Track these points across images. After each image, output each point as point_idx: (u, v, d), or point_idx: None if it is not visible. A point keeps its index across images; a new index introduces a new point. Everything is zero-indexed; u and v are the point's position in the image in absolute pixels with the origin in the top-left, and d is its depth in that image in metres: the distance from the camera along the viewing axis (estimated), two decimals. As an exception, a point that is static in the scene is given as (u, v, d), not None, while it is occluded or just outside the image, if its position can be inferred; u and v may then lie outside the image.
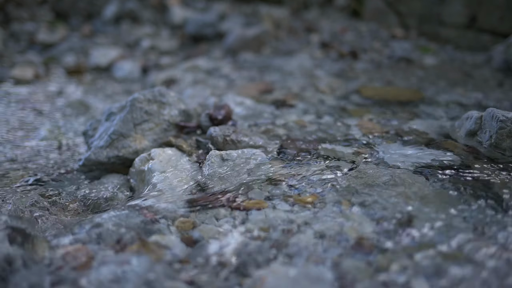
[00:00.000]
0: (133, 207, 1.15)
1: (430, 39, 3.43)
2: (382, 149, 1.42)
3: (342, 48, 3.17)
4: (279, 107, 1.91)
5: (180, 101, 1.67)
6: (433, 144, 1.45)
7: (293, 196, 1.16)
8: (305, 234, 1.01)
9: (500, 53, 2.63)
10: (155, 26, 4.11)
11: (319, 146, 1.45)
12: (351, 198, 1.13)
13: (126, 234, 1.01)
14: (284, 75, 2.57)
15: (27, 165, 1.64)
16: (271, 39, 3.42)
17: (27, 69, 2.94)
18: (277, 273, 0.89)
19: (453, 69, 2.67)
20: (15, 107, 2.33)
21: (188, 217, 1.10)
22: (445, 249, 0.93)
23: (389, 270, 0.88)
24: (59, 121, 2.16)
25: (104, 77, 3.04)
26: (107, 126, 1.59)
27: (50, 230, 1.11)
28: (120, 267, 0.90)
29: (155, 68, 3.16)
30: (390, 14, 3.83)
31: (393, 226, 1.01)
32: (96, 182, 1.48)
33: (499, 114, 1.36)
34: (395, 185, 1.17)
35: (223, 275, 0.90)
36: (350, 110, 1.87)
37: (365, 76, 2.50)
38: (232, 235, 1.03)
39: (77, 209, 1.33)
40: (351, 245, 0.96)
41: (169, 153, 1.43)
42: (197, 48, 3.52)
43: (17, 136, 1.94)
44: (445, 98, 2.02)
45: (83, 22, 4.21)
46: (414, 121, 1.72)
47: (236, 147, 1.43)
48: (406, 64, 2.84)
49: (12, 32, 3.81)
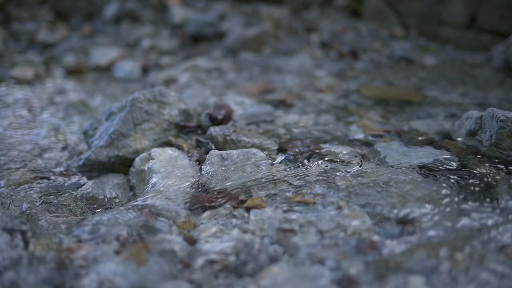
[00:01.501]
0: (134, 207, 1.15)
1: (430, 39, 3.44)
2: (382, 149, 1.42)
3: (342, 48, 3.17)
4: (279, 107, 1.91)
5: (180, 101, 1.67)
6: (433, 143, 1.45)
7: (293, 196, 1.16)
8: (305, 234, 1.01)
9: (500, 52, 2.63)
10: (155, 26, 4.11)
11: (319, 146, 1.45)
12: (351, 198, 1.13)
13: (127, 233, 1.01)
14: (284, 75, 2.58)
15: (27, 164, 1.64)
16: (271, 39, 3.42)
17: (28, 69, 2.94)
18: (277, 273, 0.89)
19: (453, 69, 2.67)
20: (15, 106, 2.33)
21: (188, 217, 1.10)
22: (446, 248, 0.93)
23: (389, 270, 0.88)
24: (59, 121, 2.16)
25: (104, 77, 3.04)
26: (107, 125, 1.59)
27: (50, 230, 1.11)
28: (121, 267, 0.90)
29: (155, 68, 3.16)
30: (390, 14, 3.83)
31: (394, 226, 1.01)
32: (96, 181, 1.49)
33: (499, 114, 1.36)
34: (396, 185, 1.17)
35: (223, 275, 0.90)
36: (350, 110, 1.87)
37: (365, 76, 2.50)
38: (232, 234, 1.03)
39: (77, 209, 1.33)
40: (351, 245, 0.96)
41: (169, 152, 1.43)
42: (197, 48, 3.52)
43: (17, 136, 1.94)
44: (445, 98, 2.02)
45: (83, 22, 4.21)
46: (414, 120, 1.72)
47: (236, 146, 1.43)
48: (406, 64, 2.84)
49: (12, 32, 3.81)
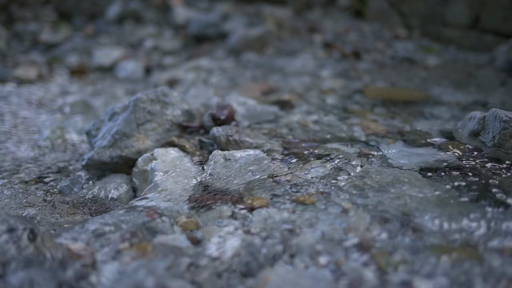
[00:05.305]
0: (136, 207, 1.15)
1: (433, 40, 3.43)
2: (385, 149, 1.42)
3: (345, 48, 3.17)
4: (282, 107, 1.91)
5: (183, 101, 1.67)
6: (436, 144, 1.45)
7: (296, 196, 1.16)
8: (308, 234, 1.01)
9: (503, 53, 2.62)
10: (158, 26, 4.12)
11: (322, 146, 1.45)
12: (354, 198, 1.13)
13: (130, 233, 1.01)
14: (287, 75, 2.58)
15: (30, 164, 1.64)
16: (274, 39, 3.42)
17: (31, 69, 2.95)
18: (279, 273, 0.89)
19: (456, 70, 2.67)
20: (18, 107, 2.34)
21: (191, 217, 1.10)
22: (448, 248, 0.93)
23: (390, 270, 0.88)
24: (62, 121, 2.16)
25: (107, 77, 3.05)
26: (110, 126, 1.59)
27: (53, 229, 1.11)
28: (124, 267, 0.90)
29: (158, 68, 3.16)
30: (393, 14, 3.82)
31: (396, 227, 1.01)
32: (99, 182, 1.49)
33: (502, 114, 1.35)
34: (398, 185, 1.17)
35: (226, 275, 0.90)
36: (353, 110, 1.87)
37: (368, 77, 2.49)
38: (235, 234, 1.03)
39: (81, 208, 1.33)
40: (353, 246, 0.96)
41: (172, 153, 1.43)
42: (200, 48, 3.53)
43: (20, 136, 1.95)
44: (448, 99, 2.02)
45: (86, 22, 4.22)
46: (417, 121, 1.71)
47: (239, 147, 1.43)
48: (409, 64, 2.84)
49: (15, 32, 3.82)
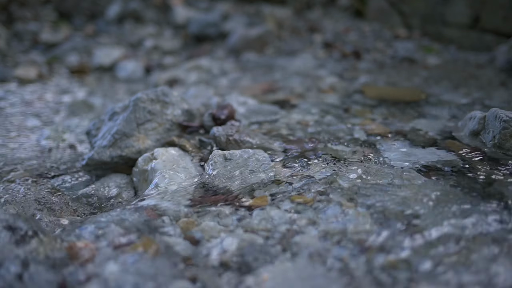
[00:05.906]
0: (137, 207, 1.15)
1: (433, 39, 3.43)
2: (385, 149, 1.42)
3: (345, 48, 3.17)
4: (282, 107, 1.91)
5: (183, 101, 1.67)
6: (436, 144, 1.45)
7: (296, 195, 1.16)
8: (308, 233, 1.01)
9: (504, 53, 2.62)
10: (158, 26, 4.12)
11: (322, 146, 1.45)
12: (354, 198, 1.13)
13: (130, 233, 1.01)
14: (287, 75, 2.58)
15: (31, 164, 1.64)
16: (274, 39, 3.42)
17: (31, 69, 2.95)
18: (279, 273, 0.89)
19: (456, 69, 2.66)
20: (19, 106, 2.34)
21: (191, 216, 1.10)
22: (448, 249, 0.93)
23: (391, 270, 0.88)
24: (63, 120, 2.16)
25: (107, 77, 3.05)
26: (110, 125, 1.59)
27: (54, 229, 1.12)
28: (124, 266, 0.90)
29: (158, 68, 3.16)
30: (393, 14, 3.82)
31: (396, 227, 1.01)
32: (99, 181, 1.49)
33: (503, 114, 1.35)
34: (399, 185, 1.17)
35: (225, 274, 0.90)
36: (353, 110, 1.87)
37: (368, 76, 2.49)
38: (235, 234, 1.03)
39: (81, 208, 1.33)
40: (354, 245, 0.96)
41: (172, 152, 1.43)
42: (200, 48, 3.53)
43: (21, 136, 1.95)
44: (448, 98, 2.02)
45: (87, 22, 4.22)
46: (418, 121, 1.71)
47: (239, 147, 1.43)
48: (409, 64, 2.84)
49: (15, 31, 3.82)
